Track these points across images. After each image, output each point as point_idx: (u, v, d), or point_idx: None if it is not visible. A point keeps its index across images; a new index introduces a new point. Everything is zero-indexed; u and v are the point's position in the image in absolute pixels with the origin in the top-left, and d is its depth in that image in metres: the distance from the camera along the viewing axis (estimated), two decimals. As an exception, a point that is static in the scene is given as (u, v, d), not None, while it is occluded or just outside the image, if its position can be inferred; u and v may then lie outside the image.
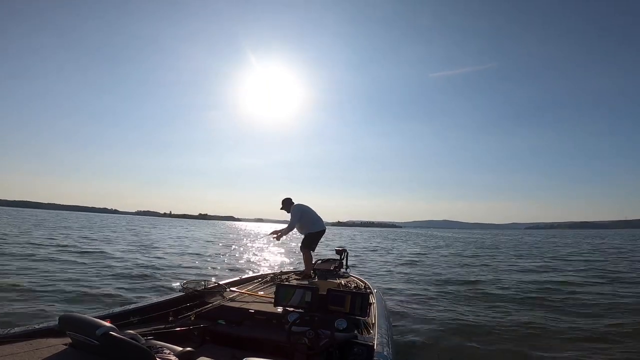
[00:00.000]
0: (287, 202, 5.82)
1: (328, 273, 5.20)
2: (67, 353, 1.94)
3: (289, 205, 5.76)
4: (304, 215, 5.68)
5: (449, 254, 19.45)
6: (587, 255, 18.40)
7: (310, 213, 5.76)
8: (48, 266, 8.99)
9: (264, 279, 4.99)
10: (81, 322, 1.90)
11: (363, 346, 2.59)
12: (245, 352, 2.45)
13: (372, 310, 3.42)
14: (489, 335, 5.06)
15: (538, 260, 15.83)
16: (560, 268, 12.66)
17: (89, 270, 8.87)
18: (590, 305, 6.75)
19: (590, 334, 5.11)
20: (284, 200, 5.85)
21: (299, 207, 5.71)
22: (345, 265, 5.81)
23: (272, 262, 13.18)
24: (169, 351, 2.09)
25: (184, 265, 11.08)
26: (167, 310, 3.13)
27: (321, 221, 5.83)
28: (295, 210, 5.68)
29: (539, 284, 9.18)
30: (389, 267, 12.82)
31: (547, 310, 6.39)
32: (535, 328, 5.37)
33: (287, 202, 5.82)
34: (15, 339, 2.04)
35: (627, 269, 12.21)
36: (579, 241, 36.01)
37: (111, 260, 10.98)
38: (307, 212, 5.74)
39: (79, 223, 39.00)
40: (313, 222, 5.71)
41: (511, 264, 14.16)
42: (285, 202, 5.83)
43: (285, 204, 5.82)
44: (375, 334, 2.77)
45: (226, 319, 3.28)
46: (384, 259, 15.58)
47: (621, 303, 6.90)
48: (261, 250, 16.23)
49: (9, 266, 8.60)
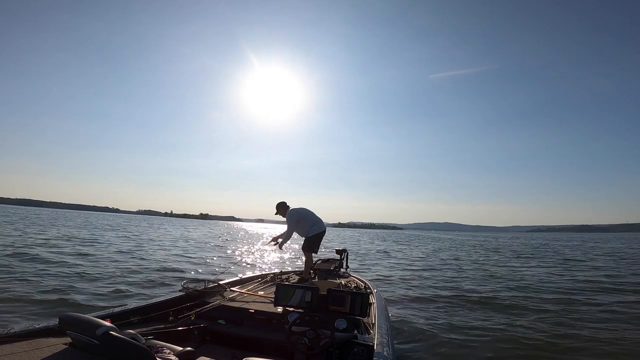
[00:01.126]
0: (282, 206, 5.57)
1: (328, 273, 5.20)
2: (67, 353, 1.94)
3: (284, 210, 5.54)
4: (301, 220, 5.49)
5: (452, 256, 19.45)
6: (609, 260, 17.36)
7: (308, 216, 5.56)
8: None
9: (264, 279, 5.00)
10: (81, 322, 1.90)
11: (363, 346, 2.59)
12: (245, 352, 2.46)
13: (372, 310, 3.43)
14: (491, 336, 5.05)
15: (548, 262, 15.59)
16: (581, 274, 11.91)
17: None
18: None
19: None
20: (279, 204, 5.59)
21: (295, 212, 5.50)
22: (346, 266, 5.81)
23: (272, 262, 13.17)
24: (169, 351, 2.09)
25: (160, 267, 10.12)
26: (167, 310, 3.14)
27: (321, 222, 5.65)
28: (291, 215, 5.46)
29: (552, 290, 8.59)
30: (393, 269, 12.82)
31: (560, 321, 5.87)
32: (546, 335, 5.12)
33: (282, 206, 5.57)
34: (16, 338, 2.04)
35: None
36: (587, 244, 35.05)
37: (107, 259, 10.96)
38: (305, 215, 5.55)
39: (80, 222, 39.02)
40: (312, 224, 5.52)
41: (516, 267, 14.14)
42: (280, 207, 5.57)
43: (280, 208, 5.57)
44: (375, 334, 2.77)
45: (226, 319, 3.29)
46: (389, 262, 15.43)
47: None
48: (262, 252, 16.13)
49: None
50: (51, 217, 50.66)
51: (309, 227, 5.49)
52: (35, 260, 9.46)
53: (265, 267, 11.52)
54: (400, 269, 12.82)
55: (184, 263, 11.57)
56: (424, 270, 12.39)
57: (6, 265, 8.31)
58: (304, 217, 5.53)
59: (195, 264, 11.42)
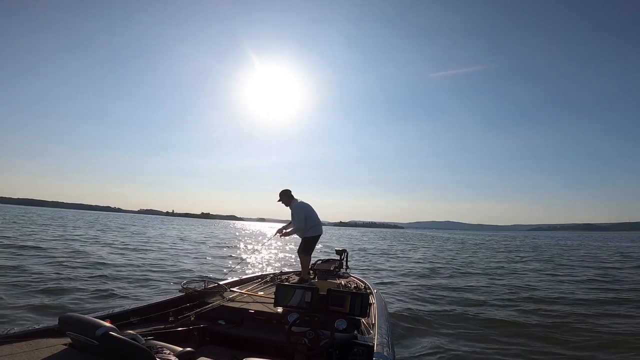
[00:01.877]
0: (286, 194, 5.18)
1: (328, 273, 5.19)
2: (67, 353, 1.94)
3: (289, 199, 5.16)
4: (308, 216, 5.16)
5: (455, 256, 19.39)
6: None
7: (313, 214, 5.23)
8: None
9: (264, 279, 4.99)
10: (81, 322, 1.89)
11: (363, 346, 2.58)
12: (245, 352, 2.45)
13: (372, 311, 3.42)
14: (491, 337, 5.05)
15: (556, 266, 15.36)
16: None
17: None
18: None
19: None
20: (283, 192, 5.18)
21: (303, 206, 5.16)
22: (346, 266, 5.80)
23: (272, 262, 13.16)
24: (169, 351, 2.09)
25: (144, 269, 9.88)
26: (167, 311, 3.14)
27: (320, 224, 5.35)
28: (299, 208, 5.10)
29: (559, 293, 8.34)
30: (395, 269, 12.80)
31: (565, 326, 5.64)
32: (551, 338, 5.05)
33: (286, 194, 5.18)
34: (15, 339, 2.04)
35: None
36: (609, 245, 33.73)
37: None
38: (311, 213, 5.22)
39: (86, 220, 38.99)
40: (314, 224, 5.21)
41: (522, 268, 14.10)
42: (284, 195, 5.18)
43: (284, 196, 5.18)
44: (375, 334, 2.76)
45: (226, 319, 3.29)
46: (394, 263, 15.06)
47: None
48: (262, 253, 16.00)
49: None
50: (76, 217, 49.75)
51: (310, 225, 5.18)
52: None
53: (265, 267, 11.52)
54: (403, 269, 12.81)
55: (184, 263, 11.59)
56: (425, 271, 12.37)
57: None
58: (310, 213, 5.21)
59: (195, 264, 11.43)
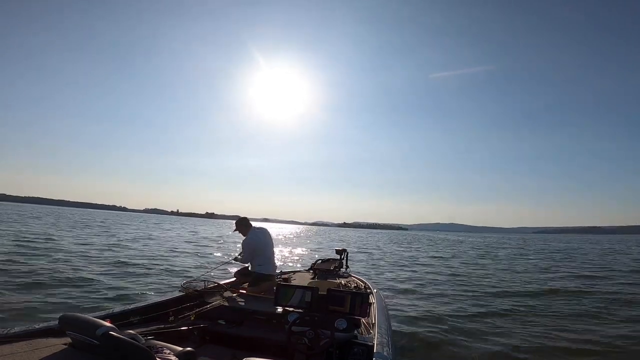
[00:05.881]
0: (242, 222, 4.76)
1: (328, 273, 5.19)
2: (67, 353, 1.93)
3: (245, 228, 4.72)
4: (257, 254, 4.51)
5: (458, 257, 19.30)
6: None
7: (265, 251, 4.56)
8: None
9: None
10: (81, 322, 1.89)
11: (363, 346, 2.58)
12: (246, 352, 2.45)
13: (372, 310, 3.41)
14: (492, 338, 5.01)
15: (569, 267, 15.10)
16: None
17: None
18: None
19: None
20: (239, 221, 4.79)
21: (255, 237, 4.59)
22: (346, 265, 5.81)
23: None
24: (169, 351, 2.09)
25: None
26: (167, 310, 3.15)
27: (272, 263, 4.61)
28: (247, 243, 4.56)
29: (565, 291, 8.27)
30: (397, 271, 12.76)
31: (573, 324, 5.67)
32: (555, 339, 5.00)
33: (242, 222, 4.76)
34: (15, 338, 2.04)
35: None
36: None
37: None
38: (262, 249, 4.56)
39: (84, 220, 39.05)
40: (263, 262, 4.49)
41: (527, 269, 13.98)
42: (240, 224, 4.75)
43: (240, 226, 4.74)
44: (375, 334, 2.76)
45: (226, 319, 3.29)
46: (402, 269, 14.12)
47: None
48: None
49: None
50: (101, 217, 48.94)
51: (258, 263, 4.49)
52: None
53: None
54: (405, 270, 12.78)
55: (186, 262, 11.61)
56: (427, 271, 12.34)
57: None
58: (260, 250, 4.56)
59: (196, 264, 11.45)
